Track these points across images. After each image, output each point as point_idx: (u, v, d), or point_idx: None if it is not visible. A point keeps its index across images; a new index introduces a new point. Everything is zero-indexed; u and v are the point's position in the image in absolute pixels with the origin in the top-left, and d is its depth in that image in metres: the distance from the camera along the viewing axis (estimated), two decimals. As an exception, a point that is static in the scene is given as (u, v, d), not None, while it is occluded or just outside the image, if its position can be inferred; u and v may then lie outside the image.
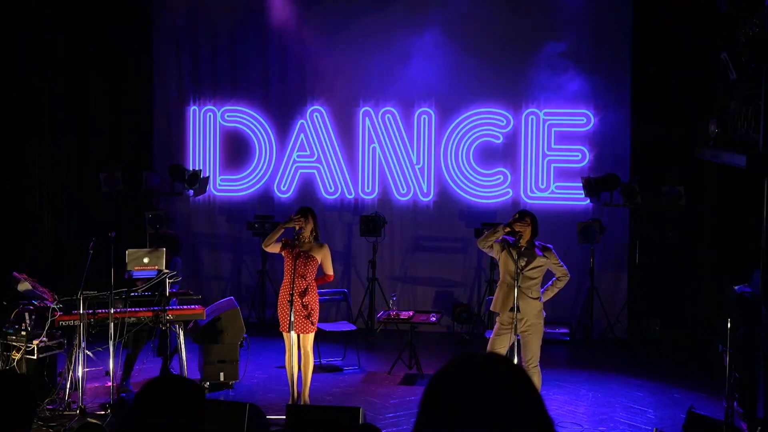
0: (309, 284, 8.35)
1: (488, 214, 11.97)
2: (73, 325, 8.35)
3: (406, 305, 11.57)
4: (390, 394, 9.26)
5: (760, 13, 7.66)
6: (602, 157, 11.86)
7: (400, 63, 12.05)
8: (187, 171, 12.37)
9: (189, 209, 12.90)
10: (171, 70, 12.81)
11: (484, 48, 12.03)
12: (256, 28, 12.61)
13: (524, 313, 7.75)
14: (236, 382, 9.32)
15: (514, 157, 12.14)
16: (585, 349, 11.36)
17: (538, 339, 7.85)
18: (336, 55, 12.29)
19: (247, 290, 12.56)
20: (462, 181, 12.26)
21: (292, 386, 8.50)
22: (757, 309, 7.81)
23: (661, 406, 9.03)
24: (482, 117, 12.17)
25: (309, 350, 8.47)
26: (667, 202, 10.84)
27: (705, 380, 9.62)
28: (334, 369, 10.25)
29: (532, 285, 7.83)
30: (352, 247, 12.55)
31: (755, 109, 7.90)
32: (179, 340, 8.94)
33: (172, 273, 8.78)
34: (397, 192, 12.40)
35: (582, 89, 11.76)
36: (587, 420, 8.50)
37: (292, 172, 12.64)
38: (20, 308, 8.38)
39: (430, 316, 10.26)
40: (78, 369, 8.32)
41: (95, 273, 8.69)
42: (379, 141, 12.37)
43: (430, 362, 10.06)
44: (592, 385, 9.73)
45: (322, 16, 12.40)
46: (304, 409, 7.99)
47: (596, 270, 11.62)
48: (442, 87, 12.14)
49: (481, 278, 12.11)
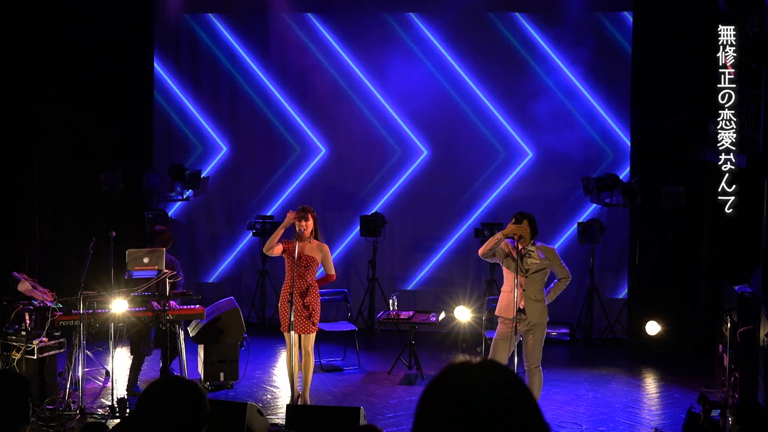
0: (310, 285, 8.34)
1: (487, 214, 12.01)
2: (73, 325, 8.35)
3: (406, 305, 11.56)
4: (390, 394, 9.26)
5: (760, 13, 7.65)
6: (602, 157, 11.86)
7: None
8: (187, 171, 12.37)
9: (189, 209, 12.90)
10: (171, 69, 12.80)
11: (484, 49, 12.05)
12: (256, 27, 12.62)
13: (529, 315, 7.75)
14: (236, 382, 9.32)
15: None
16: (585, 349, 11.36)
17: (540, 340, 7.84)
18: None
19: (247, 290, 12.56)
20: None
21: (292, 386, 8.49)
22: (757, 309, 7.81)
23: (661, 406, 9.03)
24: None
25: (310, 350, 8.47)
26: (667, 202, 10.83)
27: (705, 380, 9.62)
28: (334, 369, 10.25)
29: (536, 288, 7.82)
30: (352, 247, 12.55)
31: (755, 109, 7.90)
32: (179, 340, 8.94)
33: (173, 273, 8.78)
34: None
35: (582, 89, 11.78)
36: (587, 420, 8.49)
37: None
38: (20, 308, 8.38)
39: (430, 316, 10.26)
40: (78, 369, 8.32)
41: (95, 273, 8.70)
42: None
43: (430, 362, 10.07)
44: (592, 385, 9.73)
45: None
46: (304, 409, 7.99)
47: (596, 270, 11.62)
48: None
49: (481, 278, 12.11)
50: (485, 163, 12.23)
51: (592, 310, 11.54)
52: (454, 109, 12.21)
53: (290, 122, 12.67)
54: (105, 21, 12.12)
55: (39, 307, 8.46)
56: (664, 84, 11.17)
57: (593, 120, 11.95)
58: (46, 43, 11.55)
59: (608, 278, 11.97)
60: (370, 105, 12.41)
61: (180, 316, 8.93)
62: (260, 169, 12.78)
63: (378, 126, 12.41)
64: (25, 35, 11.31)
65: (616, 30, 11.84)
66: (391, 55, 12.10)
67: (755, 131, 7.86)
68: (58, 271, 11.61)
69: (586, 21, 11.81)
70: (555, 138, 11.77)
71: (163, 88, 12.82)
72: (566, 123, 11.91)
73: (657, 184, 10.98)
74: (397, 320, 10.18)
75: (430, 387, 1.78)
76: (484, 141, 12.22)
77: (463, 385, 1.74)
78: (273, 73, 12.66)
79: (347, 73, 12.42)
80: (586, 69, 11.78)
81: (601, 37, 11.82)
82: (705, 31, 9.48)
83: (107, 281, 8.42)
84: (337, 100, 12.39)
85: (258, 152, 12.79)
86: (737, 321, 8.24)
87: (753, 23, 7.81)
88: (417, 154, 12.41)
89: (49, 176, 11.69)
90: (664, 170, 11.11)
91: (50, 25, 11.64)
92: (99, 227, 11.41)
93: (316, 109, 12.55)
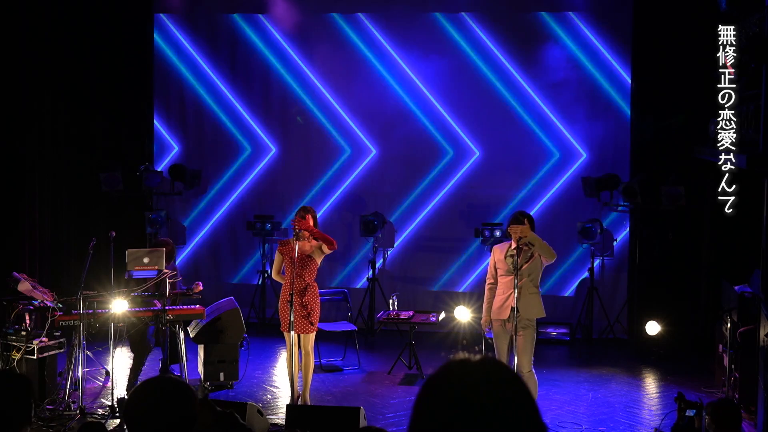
0: (308, 284, 8.35)
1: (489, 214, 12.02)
2: (73, 325, 8.35)
3: (406, 305, 11.56)
4: (390, 394, 9.26)
5: (760, 13, 7.65)
6: (602, 157, 11.87)
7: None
8: (187, 171, 12.37)
9: (189, 209, 12.90)
10: (171, 69, 12.80)
11: (482, 53, 12.05)
12: (256, 26, 12.62)
13: (523, 312, 7.72)
14: (236, 382, 9.32)
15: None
16: (585, 349, 11.36)
17: (531, 341, 7.75)
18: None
19: (247, 290, 12.56)
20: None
21: (292, 386, 8.49)
22: (757, 309, 7.81)
23: (661, 406, 9.04)
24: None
25: (310, 350, 8.47)
26: (667, 202, 10.83)
27: (705, 380, 9.62)
28: (334, 369, 10.25)
29: (529, 281, 7.77)
30: (352, 247, 12.55)
31: (755, 109, 7.90)
32: (179, 340, 8.94)
33: (173, 273, 8.78)
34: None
35: (582, 88, 11.78)
36: (587, 420, 8.50)
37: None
38: (20, 308, 8.38)
39: (430, 316, 10.26)
40: (78, 369, 8.32)
41: (95, 273, 8.70)
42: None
43: (430, 362, 10.06)
44: (592, 385, 9.73)
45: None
46: (304, 409, 7.99)
47: (596, 270, 11.62)
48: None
49: (481, 278, 12.10)
50: (511, 163, 12.18)
51: (592, 310, 11.54)
52: (504, 106, 12.13)
53: (241, 119, 12.71)
54: (105, 21, 12.13)
55: (39, 307, 8.46)
56: (664, 84, 11.18)
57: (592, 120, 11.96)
58: (46, 42, 11.55)
59: (608, 278, 11.97)
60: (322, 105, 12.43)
61: (180, 316, 8.93)
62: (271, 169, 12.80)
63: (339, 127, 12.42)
64: (25, 35, 11.30)
65: (616, 29, 11.82)
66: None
67: (755, 131, 7.86)
68: (58, 271, 11.61)
69: (587, 19, 11.82)
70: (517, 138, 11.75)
71: (164, 86, 12.83)
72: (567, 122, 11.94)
73: (657, 184, 10.99)
74: (397, 320, 10.18)
75: (428, 383, 1.78)
76: (532, 141, 12.17)
77: (461, 381, 1.73)
78: (319, 73, 12.65)
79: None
80: (586, 68, 11.78)
81: (601, 36, 11.82)
82: (705, 31, 9.47)
83: (107, 281, 8.42)
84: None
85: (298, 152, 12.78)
86: (737, 321, 8.25)
87: (753, 23, 7.81)
88: (470, 154, 12.40)
89: (49, 176, 11.69)
90: (664, 170, 11.11)
91: (50, 25, 11.64)
92: (99, 227, 11.42)
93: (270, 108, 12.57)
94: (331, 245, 8.31)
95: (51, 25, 11.65)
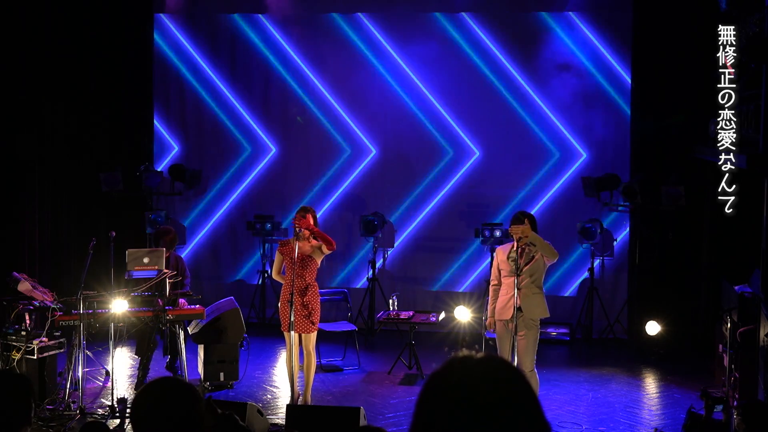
0: (308, 284, 8.35)
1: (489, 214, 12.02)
2: (73, 325, 8.35)
3: (406, 305, 11.55)
4: (390, 394, 9.26)
5: (760, 13, 7.66)
6: (602, 157, 11.87)
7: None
8: (187, 171, 12.37)
9: (189, 208, 12.90)
10: (171, 69, 12.80)
11: (482, 53, 12.05)
12: (256, 26, 12.62)
13: (527, 312, 7.72)
14: (236, 382, 9.32)
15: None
16: (585, 349, 11.36)
17: (533, 342, 7.77)
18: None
19: (247, 290, 12.56)
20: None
21: (292, 386, 8.49)
22: (757, 309, 7.81)
23: (661, 406, 9.04)
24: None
25: (311, 350, 8.47)
26: (667, 202, 10.83)
27: (705, 380, 9.61)
28: (334, 369, 10.25)
29: (531, 282, 7.78)
30: (352, 247, 12.55)
31: (755, 109, 7.90)
32: (179, 340, 8.94)
33: (173, 273, 8.78)
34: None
35: (582, 88, 11.79)
36: (587, 420, 8.49)
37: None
38: (20, 308, 8.38)
39: (430, 316, 10.25)
40: (78, 369, 8.32)
41: (95, 273, 8.70)
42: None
43: (430, 362, 10.05)
44: (592, 385, 9.73)
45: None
46: (304, 409, 7.99)
47: (596, 270, 11.62)
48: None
49: (481, 278, 12.10)
50: (514, 163, 12.17)
51: (592, 310, 11.53)
52: (504, 106, 12.17)
53: (240, 119, 12.72)
54: (105, 21, 12.13)
55: (39, 307, 8.46)
56: (664, 84, 11.18)
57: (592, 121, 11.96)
58: (46, 42, 11.55)
59: (608, 278, 11.97)
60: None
61: (180, 316, 8.93)
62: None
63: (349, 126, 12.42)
64: (25, 35, 11.31)
65: (616, 29, 11.82)
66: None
67: (755, 131, 7.87)
68: (58, 271, 11.61)
69: (587, 20, 11.82)
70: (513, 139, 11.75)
71: (164, 86, 12.83)
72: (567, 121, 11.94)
73: (657, 184, 10.98)
74: (397, 320, 10.18)
75: (430, 380, 1.77)
76: (533, 144, 12.17)
77: (463, 379, 1.73)
78: (321, 74, 12.65)
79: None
80: (586, 68, 11.78)
81: (601, 36, 11.82)
82: (705, 31, 9.48)
83: (107, 281, 8.42)
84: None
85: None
86: (737, 321, 8.24)
87: (753, 23, 7.82)
88: (469, 154, 12.40)
89: (49, 176, 11.69)
90: (664, 170, 11.11)
91: (50, 25, 11.64)
92: (99, 227, 11.41)
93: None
94: (331, 245, 8.32)
95: (51, 25, 11.65)
